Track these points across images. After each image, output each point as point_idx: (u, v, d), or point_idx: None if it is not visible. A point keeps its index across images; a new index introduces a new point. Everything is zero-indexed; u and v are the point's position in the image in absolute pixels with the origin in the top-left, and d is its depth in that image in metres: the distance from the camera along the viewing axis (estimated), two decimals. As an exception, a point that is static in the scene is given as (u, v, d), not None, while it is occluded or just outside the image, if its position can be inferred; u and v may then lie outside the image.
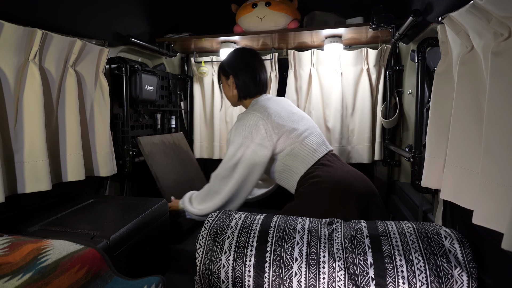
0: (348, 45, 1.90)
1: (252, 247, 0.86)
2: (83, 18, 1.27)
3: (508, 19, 0.64)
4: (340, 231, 0.89)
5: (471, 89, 0.83)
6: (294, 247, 0.84)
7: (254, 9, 1.66)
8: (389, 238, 0.83)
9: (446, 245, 0.80)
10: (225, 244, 0.88)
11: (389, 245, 0.81)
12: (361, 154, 1.88)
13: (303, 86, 1.93)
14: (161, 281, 0.76)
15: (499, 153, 0.67)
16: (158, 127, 1.93)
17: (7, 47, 0.98)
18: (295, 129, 1.30)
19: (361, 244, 0.82)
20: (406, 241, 0.82)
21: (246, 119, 1.30)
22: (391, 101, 1.80)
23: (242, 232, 0.90)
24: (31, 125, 1.06)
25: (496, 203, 0.68)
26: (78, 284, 0.69)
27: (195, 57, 2.08)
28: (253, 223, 0.93)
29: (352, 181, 1.24)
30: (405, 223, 0.90)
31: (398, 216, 1.61)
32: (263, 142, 1.26)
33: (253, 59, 1.42)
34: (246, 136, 1.26)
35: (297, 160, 1.29)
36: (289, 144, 1.28)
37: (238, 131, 1.28)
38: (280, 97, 1.48)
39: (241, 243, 0.87)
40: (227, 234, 0.90)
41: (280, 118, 1.30)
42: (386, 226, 0.89)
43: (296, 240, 0.86)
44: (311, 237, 0.86)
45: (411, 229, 0.86)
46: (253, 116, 1.29)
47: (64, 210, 1.17)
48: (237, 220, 0.95)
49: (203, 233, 0.92)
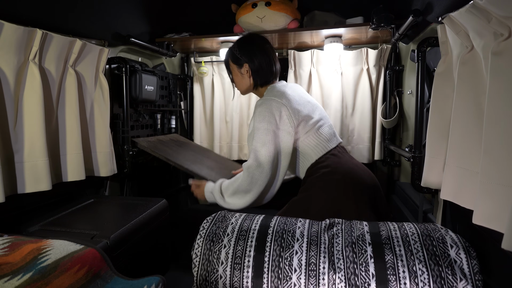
0: (348, 45, 1.90)
1: (250, 257, 0.83)
2: (83, 18, 1.27)
3: (508, 19, 0.64)
4: (341, 236, 0.86)
5: (471, 89, 0.83)
6: (293, 257, 0.82)
7: (254, 9, 1.66)
8: (392, 247, 0.80)
9: (452, 255, 0.77)
10: (222, 254, 0.85)
11: (392, 255, 0.78)
12: (361, 154, 1.88)
13: (303, 86, 1.92)
14: (161, 281, 0.76)
15: (499, 153, 0.67)
16: (158, 127, 1.94)
17: (7, 47, 0.98)
18: (311, 117, 1.28)
19: (363, 253, 0.80)
20: (410, 250, 0.79)
21: (267, 104, 1.24)
22: (391, 101, 1.80)
23: (238, 240, 0.87)
24: (31, 125, 1.06)
25: (496, 203, 0.68)
26: (78, 284, 0.69)
27: (195, 57, 2.07)
28: (250, 229, 0.90)
29: (361, 174, 1.25)
30: (409, 228, 0.87)
31: (398, 216, 1.61)
32: (287, 128, 1.23)
33: (266, 44, 1.37)
34: (270, 121, 1.22)
35: (310, 147, 1.27)
36: (306, 131, 1.26)
37: (261, 118, 1.23)
38: (296, 84, 1.45)
39: (238, 253, 0.84)
40: (223, 243, 0.87)
41: (299, 105, 1.27)
42: (389, 232, 0.85)
43: (295, 249, 0.83)
44: (310, 246, 0.84)
45: (416, 236, 0.83)
46: (274, 102, 1.24)
47: (64, 210, 1.17)
48: (234, 225, 0.92)
49: (199, 241, 0.89)
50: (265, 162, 1.21)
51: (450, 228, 0.92)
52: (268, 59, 1.34)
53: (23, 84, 1.05)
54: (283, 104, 1.23)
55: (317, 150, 1.27)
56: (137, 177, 1.71)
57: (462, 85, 0.85)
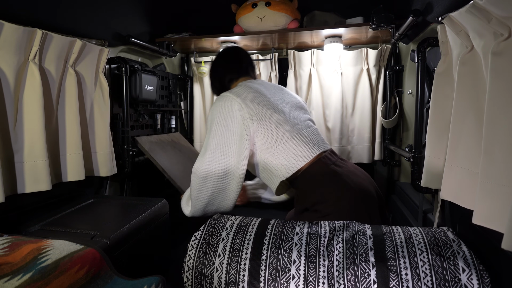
0: (348, 45, 1.90)
1: (248, 249, 0.82)
2: (83, 18, 1.27)
3: (508, 19, 0.64)
4: (343, 232, 0.84)
5: (471, 89, 0.83)
6: (292, 249, 0.80)
7: (254, 9, 1.66)
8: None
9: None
10: (219, 246, 0.84)
11: (394, 253, 0.75)
12: (361, 154, 1.88)
13: (303, 86, 1.93)
14: (161, 281, 0.76)
15: (499, 153, 0.67)
16: (158, 127, 1.93)
17: (7, 47, 0.98)
18: (283, 120, 1.11)
19: (363, 245, 0.78)
20: (413, 251, 0.74)
21: (221, 102, 1.11)
22: (391, 101, 1.80)
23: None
24: (31, 125, 1.06)
25: (496, 203, 0.68)
26: (78, 284, 0.69)
27: (195, 57, 2.08)
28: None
29: (366, 184, 1.15)
30: (413, 231, 0.82)
31: (398, 216, 1.61)
32: (239, 129, 1.07)
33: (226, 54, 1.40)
34: (219, 122, 1.08)
35: (279, 160, 1.09)
36: (271, 137, 1.09)
37: (211, 117, 1.12)
38: (276, 84, 1.34)
39: (236, 245, 0.83)
40: (221, 236, 0.85)
41: (263, 103, 1.10)
42: (392, 234, 0.81)
43: (294, 241, 0.82)
44: (310, 240, 0.82)
45: (419, 237, 0.79)
46: (228, 99, 1.10)
47: (64, 210, 1.17)
48: (228, 230, 0.88)
49: (196, 235, 0.88)
50: (210, 171, 1.09)
51: (450, 227, 0.91)
52: (229, 57, 1.36)
53: (23, 84, 1.05)
54: (238, 102, 1.08)
55: (290, 165, 1.09)
56: (137, 177, 1.71)
57: (462, 85, 0.85)
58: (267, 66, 1.99)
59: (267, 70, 1.99)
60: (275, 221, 0.91)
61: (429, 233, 0.81)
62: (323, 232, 0.85)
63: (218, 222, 0.92)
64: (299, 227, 0.88)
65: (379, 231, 0.84)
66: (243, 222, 0.91)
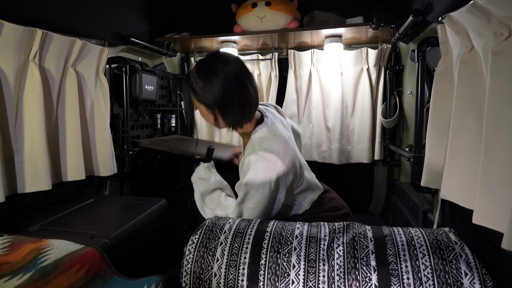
0: (348, 45, 1.90)
1: (246, 254, 0.81)
2: (83, 18, 1.27)
3: (508, 19, 0.64)
4: (343, 233, 0.83)
5: (471, 89, 0.83)
6: (291, 254, 0.79)
7: (254, 9, 1.66)
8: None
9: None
10: (218, 250, 0.82)
11: (395, 251, 0.75)
12: (361, 153, 1.88)
13: (303, 86, 1.93)
14: (161, 281, 0.76)
15: (499, 153, 0.67)
16: (158, 126, 1.93)
17: (7, 47, 0.98)
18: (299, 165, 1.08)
19: (364, 248, 0.78)
20: (415, 255, 0.73)
21: (263, 166, 0.97)
22: (391, 101, 1.80)
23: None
24: (31, 125, 1.06)
25: (496, 203, 0.68)
26: (78, 283, 0.69)
27: (195, 57, 2.07)
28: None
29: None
30: (414, 232, 0.81)
31: (398, 216, 1.61)
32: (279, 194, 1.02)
33: (234, 68, 0.97)
34: (263, 192, 0.97)
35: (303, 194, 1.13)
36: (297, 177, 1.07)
37: (256, 183, 0.97)
38: (276, 113, 1.19)
39: (234, 250, 0.82)
40: (219, 240, 0.84)
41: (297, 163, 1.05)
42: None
43: (293, 245, 0.81)
44: (309, 243, 0.81)
45: (421, 239, 0.77)
46: (271, 163, 0.97)
47: (64, 210, 1.17)
48: (227, 234, 0.87)
49: (193, 238, 0.86)
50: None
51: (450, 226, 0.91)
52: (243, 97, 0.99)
53: (23, 84, 1.05)
54: (281, 163, 0.97)
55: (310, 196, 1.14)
56: (137, 177, 1.71)
57: (462, 85, 0.85)
58: (267, 66, 1.99)
59: (267, 70, 1.99)
60: (274, 223, 0.91)
61: (431, 235, 0.80)
62: (322, 234, 0.84)
63: (216, 225, 0.91)
64: (298, 230, 0.86)
65: (380, 233, 0.83)
66: (241, 225, 0.90)
